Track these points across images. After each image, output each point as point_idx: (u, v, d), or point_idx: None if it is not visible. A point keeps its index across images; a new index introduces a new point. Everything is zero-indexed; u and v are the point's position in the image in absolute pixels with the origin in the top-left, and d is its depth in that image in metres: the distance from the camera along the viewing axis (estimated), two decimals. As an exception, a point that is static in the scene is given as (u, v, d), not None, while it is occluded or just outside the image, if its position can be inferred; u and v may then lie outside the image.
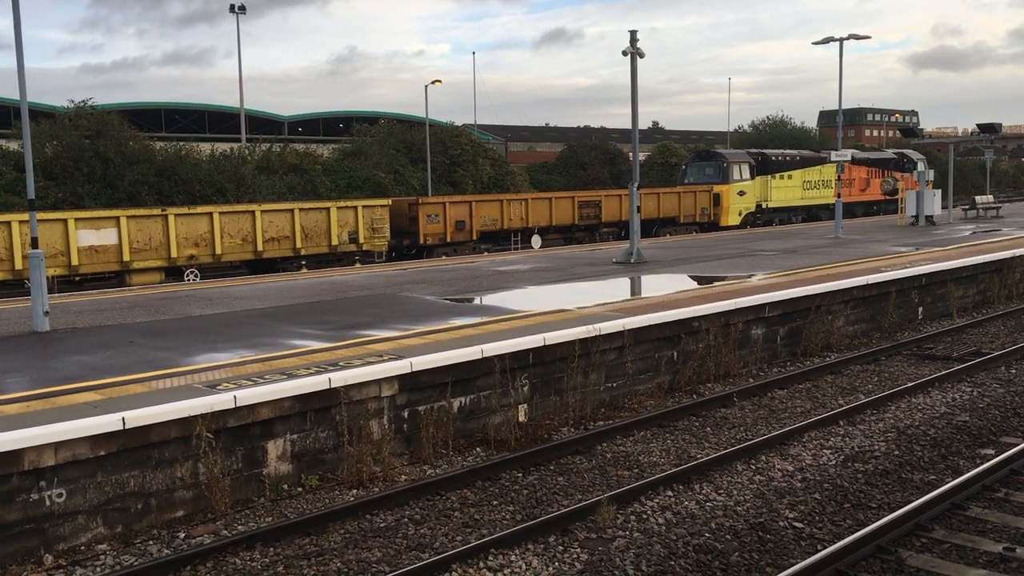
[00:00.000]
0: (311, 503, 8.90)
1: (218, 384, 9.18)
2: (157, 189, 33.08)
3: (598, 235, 35.60)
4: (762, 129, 75.04)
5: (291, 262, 26.62)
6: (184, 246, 24.31)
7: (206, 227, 24.81)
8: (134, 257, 23.50)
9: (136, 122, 40.61)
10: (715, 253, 23.41)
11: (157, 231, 23.90)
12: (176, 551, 7.77)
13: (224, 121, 62.91)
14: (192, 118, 64.56)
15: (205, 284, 20.10)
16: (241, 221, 25.59)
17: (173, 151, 35.60)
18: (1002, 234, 27.05)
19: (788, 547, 7.71)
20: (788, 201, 42.77)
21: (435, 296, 16.00)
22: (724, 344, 13.76)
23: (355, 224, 27.93)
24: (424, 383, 10.27)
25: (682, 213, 38.46)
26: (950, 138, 47.32)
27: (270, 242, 26.11)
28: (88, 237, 22.79)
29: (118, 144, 33.57)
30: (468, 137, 50.37)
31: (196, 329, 12.93)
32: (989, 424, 11.17)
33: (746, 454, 10.03)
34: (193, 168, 34.76)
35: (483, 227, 32.14)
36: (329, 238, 27.32)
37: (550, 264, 21.75)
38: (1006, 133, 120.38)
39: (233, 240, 25.39)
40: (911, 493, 8.89)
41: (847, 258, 20.75)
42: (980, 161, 65.51)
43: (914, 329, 17.46)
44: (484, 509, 8.71)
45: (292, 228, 26.48)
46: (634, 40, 21.29)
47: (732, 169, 40.35)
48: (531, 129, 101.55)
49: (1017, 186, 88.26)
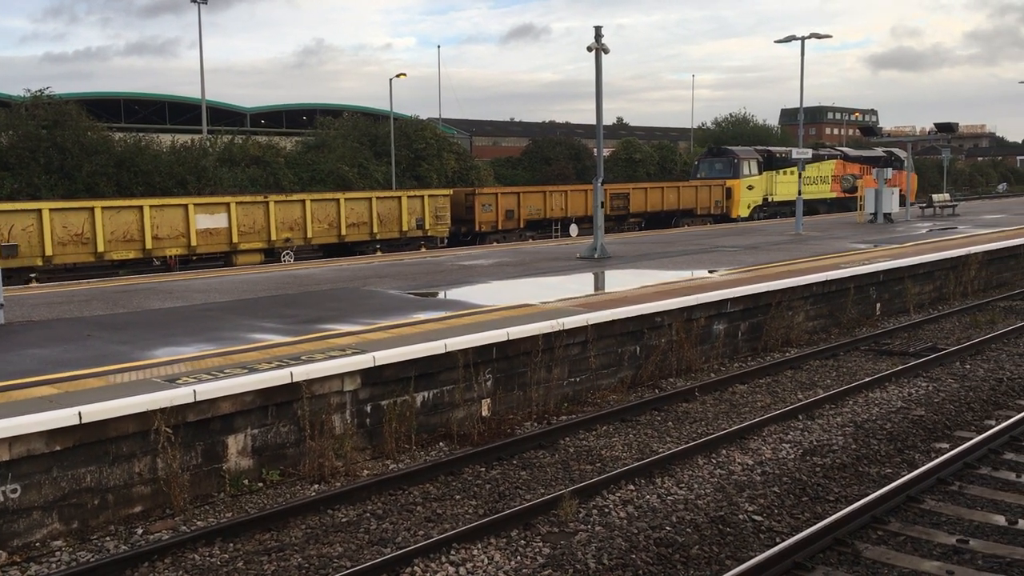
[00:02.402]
0: (272, 498, 8.84)
1: (177, 378, 9.07)
2: (116, 180, 32.59)
3: (626, 224, 38.87)
4: (725, 126, 75.76)
5: (368, 246, 29.35)
6: (281, 230, 27.04)
7: (299, 213, 27.56)
8: (241, 239, 26.16)
9: (95, 112, 39.95)
10: (678, 249, 23.58)
11: (260, 216, 26.61)
12: (134, 547, 7.67)
13: (185, 112, 62.09)
14: (152, 109, 63.70)
15: (165, 277, 19.85)
16: (328, 208, 28.43)
17: (132, 142, 35.07)
18: (958, 232, 27.54)
19: (747, 540, 7.79)
20: (791, 195, 43.58)
21: (399, 290, 15.94)
22: (686, 339, 13.87)
23: (422, 212, 30.85)
24: (387, 377, 10.23)
25: (699, 205, 41.54)
26: (908, 137, 48.10)
27: (351, 227, 29.06)
28: (204, 221, 25.37)
29: (76, 134, 32.99)
30: (433, 131, 50.20)
31: (155, 323, 12.76)
32: (944, 418, 11.37)
33: (707, 448, 10.12)
34: (153, 160, 34.29)
35: (529, 216, 35.14)
36: (400, 224, 30.30)
37: (514, 259, 21.76)
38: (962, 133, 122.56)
39: (321, 225, 28.21)
40: (868, 486, 9.02)
41: (807, 255, 21.00)
42: (937, 160, 66.57)
43: (872, 325, 17.73)
44: (447, 503, 8.71)
45: (370, 215, 29.47)
46: (599, 36, 21.33)
47: (742, 165, 42.75)
48: (496, 124, 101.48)
49: (973, 185, 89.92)
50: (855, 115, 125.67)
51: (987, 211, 40.90)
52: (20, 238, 22.37)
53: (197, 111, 50.58)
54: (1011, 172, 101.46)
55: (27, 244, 22.51)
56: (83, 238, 23.44)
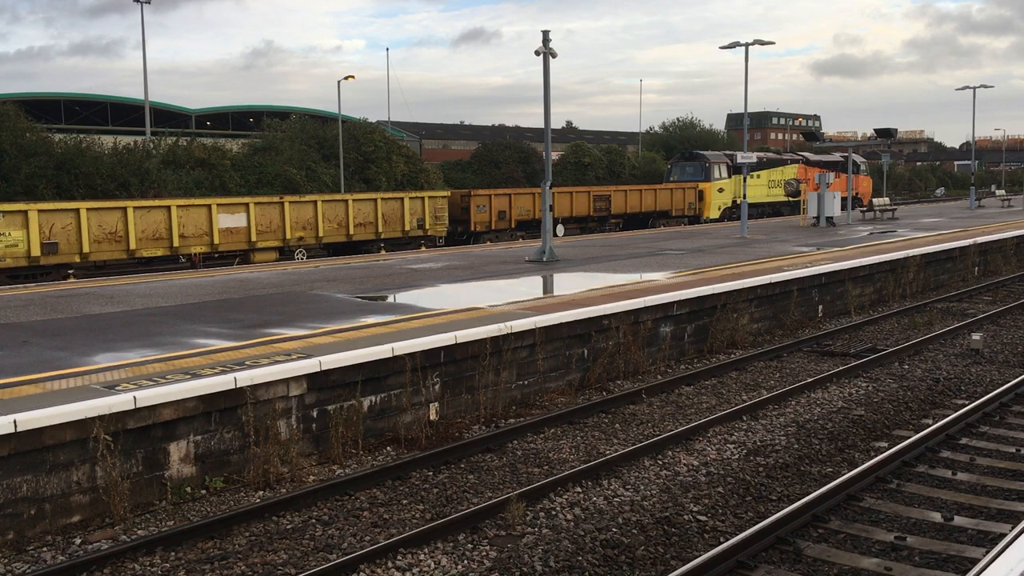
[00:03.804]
0: (215, 506, 8.70)
1: (117, 384, 8.89)
2: (56, 183, 31.78)
3: (607, 225, 40.59)
4: (672, 131, 76.50)
5: (373, 244, 30.70)
6: (295, 229, 28.34)
7: (311, 213, 28.89)
8: (259, 238, 27.40)
9: (34, 113, 38.96)
10: (626, 252, 23.76)
11: (275, 216, 27.92)
12: (72, 558, 7.50)
13: (128, 113, 60.83)
14: (94, 110, 62.33)
15: (106, 282, 19.44)
16: (337, 208, 29.90)
17: (73, 143, 34.25)
18: (897, 235, 28.18)
19: (692, 540, 7.88)
20: (757, 198, 46.34)
21: (347, 294, 15.82)
22: (633, 342, 13.98)
23: (422, 212, 32.37)
24: (334, 382, 10.15)
25: (674, 207, 43.46)
26: (849, 142, 49.27)
27: (359, 227, 30.41)
28: (226, 220, 26.57)
29: (13, 135, 32.09)
30: (382, 134, 49.84)
31: (95, 328, 12.50)
32: (883, 418, 11.63)
33: (653, 450, 10.21)
34: (94, 161, 33.47)
35: (519, 216, 36.63)
36: (402, 224, 31.77)
37: (463, 262, 21.74)
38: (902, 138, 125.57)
39: (331, 224, 29.57)
40: (809, 485, 9.19)
41: (752, 258, 21.31)
42: (877, 165, 68.05)
43: (814, 327, 18.05)
44: (393, 508, 8.66)
45: (375, 215, 30.84)
46: (546, 40, 21.42)
47: (713, 169, 44.67)
48: (446, 127, 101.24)
49: (912, 189, 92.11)
50: (799, 120, 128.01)
51: (925, 215, 41.90)
52: (59, 236, 23.48)
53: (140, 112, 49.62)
54: (949, 177, 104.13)
55: (66, 242, 23.64)
56: (116, 236, 24.59)
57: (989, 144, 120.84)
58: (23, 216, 22.80)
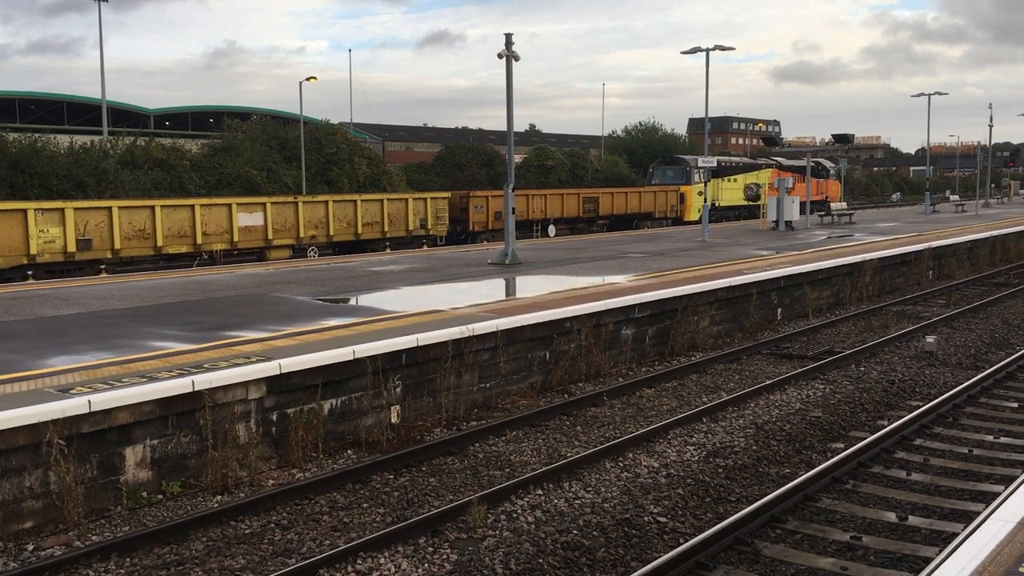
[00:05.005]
0: (172, 511, 8.59)
1: (72, 388, 8.74)
2: (10, 183, 31.19)
3: (595, 226, 42.08)
4: (635, 135, 77.01)
5: (379, 243, 31.84)
6: (308, 228, 29.39)
7: (323, 213, 30.01)
8: (275, 236, 28.46)
9: (-14, 111, 38.21)
10: (589, 255, 23.86)
11: (290, 215, 29.00)
12: (24, 564, 7.35)
13: (85, 113, 59.83)
14: (50, 109, 61.22)
15: (61, 283, 19.10)
16: (346, 208, 31.05)
17: (28, 143, 33.63)
18: (854, 239, 28.59)
19: (652, 541, 7.93)
20: (733, 201, 47.83)
21: (308, 296, 15.70)
22: (595, 344, 14.03)
23: (425, 213, 33.75)
24: (294, 385, 10.06)
25: (656, 209, 45.22)
26: (808, 147, 50.07)
27: (366, 226, 31.60)
28: (245, 219, 27.64)
29: (-35, 135, 31.50)
30: (344, 136, 49.54)
31: (49, 330, 12.27)
32: (840, 419, 11.79)
33: (614, 452, 10.26)
34: (49, 161, 32.89)
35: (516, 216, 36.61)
36: (406, 224, 33.10)
37: (425, 265, 21.68)
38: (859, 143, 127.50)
39: (341, 223, 30.67)
40: (767, 486, 9.29)
41: (712, 261, 21.51)
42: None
43: (773, 329, 18.26)
44: (354, 512, 8.61)
45: (381, 215, 32.10)
46: (509, 43, 21.46)
47: (693, 172, 45.81)
48: (409, 129, 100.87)
49: (869, 194, 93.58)
50: (759, 125, 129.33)
51: (882, 219, 42.59)
52: (93, 233, 24.35)
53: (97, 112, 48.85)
54: (904, 182, 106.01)
55: (99, 238, 24.52)
56: (144, 233, 25.53)
57: (944, 150, 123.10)
58: (60, 214, 23.71)
